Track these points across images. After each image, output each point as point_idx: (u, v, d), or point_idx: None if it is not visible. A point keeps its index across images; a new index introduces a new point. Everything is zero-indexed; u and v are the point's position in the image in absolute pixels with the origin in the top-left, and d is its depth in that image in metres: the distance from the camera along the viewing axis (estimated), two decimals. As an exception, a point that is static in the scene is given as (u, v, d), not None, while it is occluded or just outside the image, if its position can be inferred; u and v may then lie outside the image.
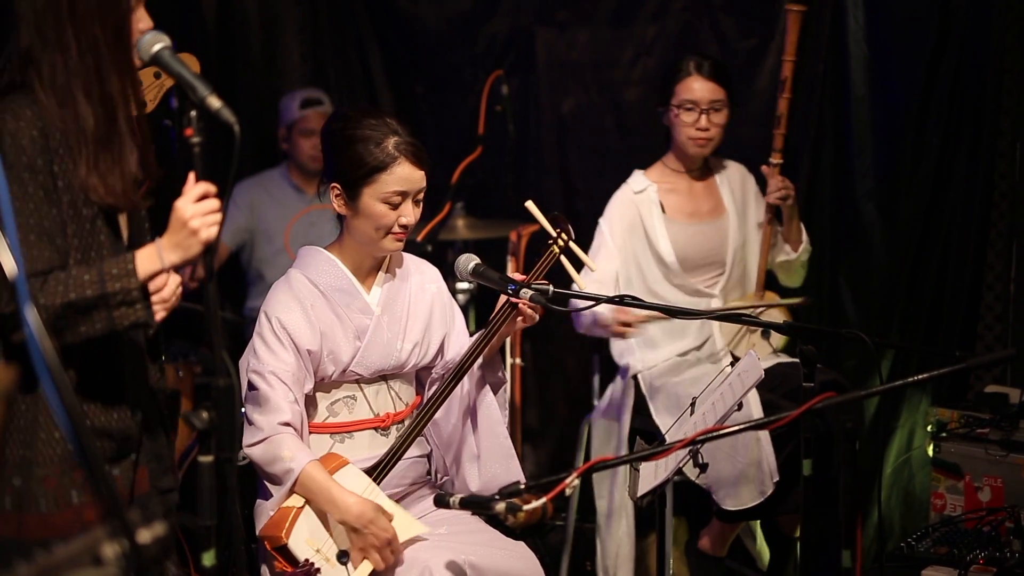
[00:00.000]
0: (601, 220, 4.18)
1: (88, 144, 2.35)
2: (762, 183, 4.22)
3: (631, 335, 3.99)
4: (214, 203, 2.31)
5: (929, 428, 4.12)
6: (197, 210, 2.30)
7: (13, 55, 2.39)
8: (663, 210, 4.13)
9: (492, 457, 3.20)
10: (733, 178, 4.24)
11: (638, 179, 4.19)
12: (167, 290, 2.39)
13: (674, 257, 4.09)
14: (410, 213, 3.05)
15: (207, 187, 2.31)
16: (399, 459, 3.10)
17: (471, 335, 3.27)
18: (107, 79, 2.36)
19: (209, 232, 2.30)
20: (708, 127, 4.06)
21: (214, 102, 2.27)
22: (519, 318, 3.10)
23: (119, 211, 2.44)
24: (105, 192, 2.37)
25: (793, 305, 4.15)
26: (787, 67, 4.15)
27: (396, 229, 3.04)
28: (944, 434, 4.06)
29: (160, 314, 2.41)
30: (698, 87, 4.05)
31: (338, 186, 3.06)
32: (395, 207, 3.02)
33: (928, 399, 4.33)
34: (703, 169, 4.21)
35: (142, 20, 2.41)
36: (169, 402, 2.60)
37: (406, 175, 3.02)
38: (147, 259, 2.35)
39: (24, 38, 2.37)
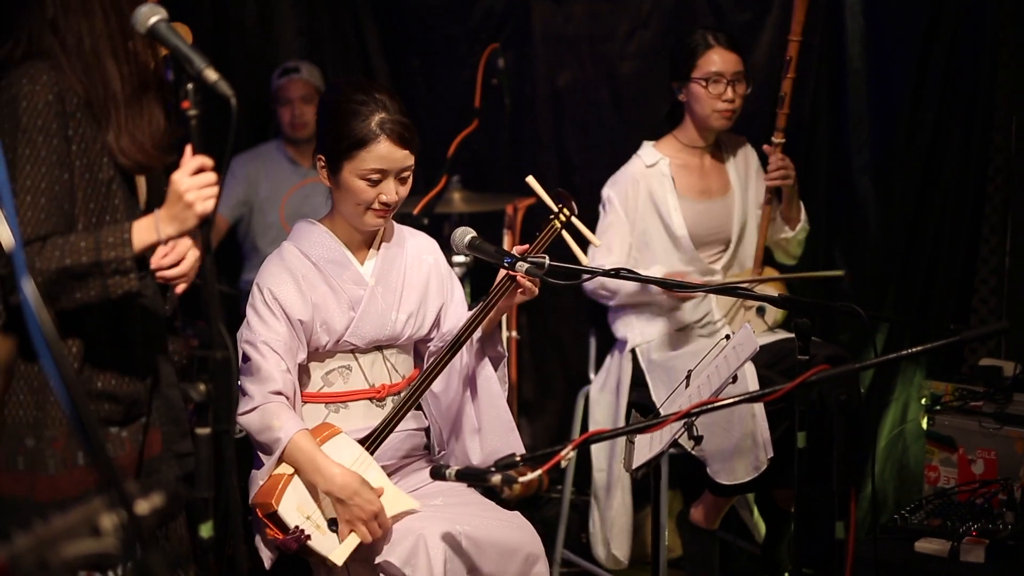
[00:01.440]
0: (610, 192, 4.14)
1: (119, 106, 2.40)
2: (763, 159, 4.22)
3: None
4: (211, 176, 2.32)
5: (923, 401, 4.14)
6: (193, 183, 2.31)
7: (31, 26, 2.43)
8: (674, 185, 4.11)
9: (493, 430, 3.20)
10: (737, 153, 4.23)
11: (649, 152, 4.15)
12: (186, 263, 2.41)
13: (686, 231, 4.08)
14: (391, 191, 3.04)
15: (204, 160, 2.32)
16: (392, 430, 3.11)
17: (469, 308, 3.29)
18: (132, 37, 2.39)
19: (205, 206, 2.31)
20: (734, 98, 4.04)
21: (211, 75, 2.27)
22: (519, 291, 3.11)
23: (139, 173, 2.47)
24: (136, 152, 2.40)
25: (832, 278, 4.14)
26: (792, 47, 4.09)
27: (376, 206, 3.05)
28: (938, 407, 4.08)
29: (181, 286, 2.44)
30: (723, 59, 4.03)
31: (323, 158, 3.07)
32: (374, 184, 3.02)
33: (922, 372, 4.35)
34: (714, 145, 4.20)
35: None
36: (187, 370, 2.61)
37: (385, 153, 3.01)
38: (144, 230, 2.37)
39: (48, 8, 2.41)
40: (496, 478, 2.47)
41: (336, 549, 2.93)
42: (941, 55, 4.33)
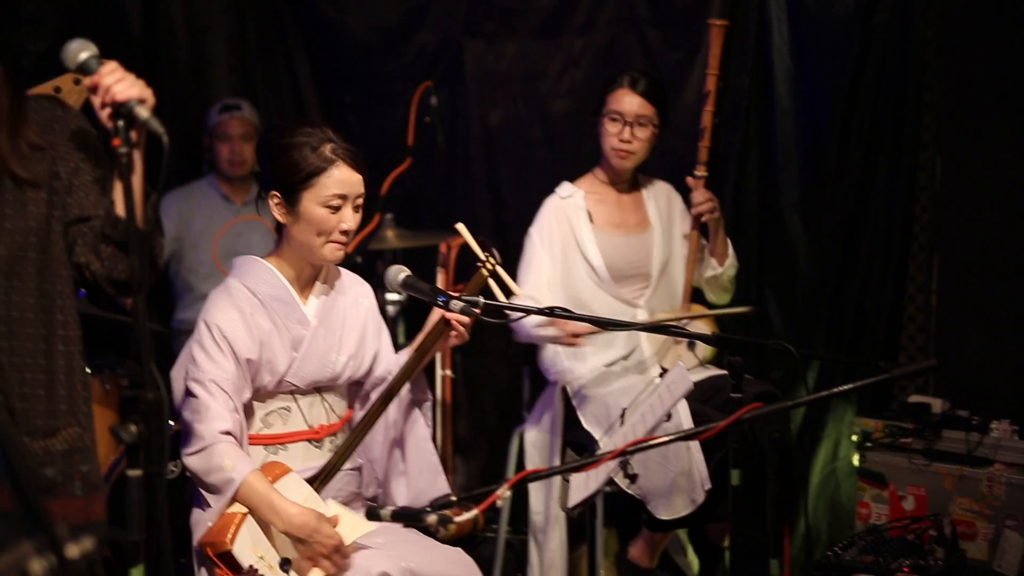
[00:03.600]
0: (531, 229, 4.18)
1: None
2: (687, 196, 4.26)
3: (579, 344, 3.93)
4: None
5: (854, 438, 4.18)
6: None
7: None
8: (591, 219, 4.15)
9: (419, 473, 3.21)
10: (659, 195, 4.28)
11: (565, 187, 4.20)
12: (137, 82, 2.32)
13: (602, 262, 4.11)
14: (350, 218, 3.05)
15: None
16: (336, 473, 3.09)
17: (402, 347, 3.28)
18: None
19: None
20: (631, 140, 4.08)
21: (143, 112, 2.25)
22: (452, 334, 3.11)
23: None
24: None
25: (741, 314, 4.18)
26: (711, 81, 4.20)
27: (336, 236, 3.04)
28: (869, 444, 4.12)
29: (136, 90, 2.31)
30: (627, 100, 4.08)
31: (277, 194, 3.05)
32: (335, 211, 3.02)
33: (853, 410, 4.39)
34: (631, 183, 4.24)
35: None
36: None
37: (344, 178, 3.02)
38: None
39: None
40: (432, 518, 2.46)
41: None
42: (867, 96, 4.40)
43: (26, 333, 2.43)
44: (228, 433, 2.94)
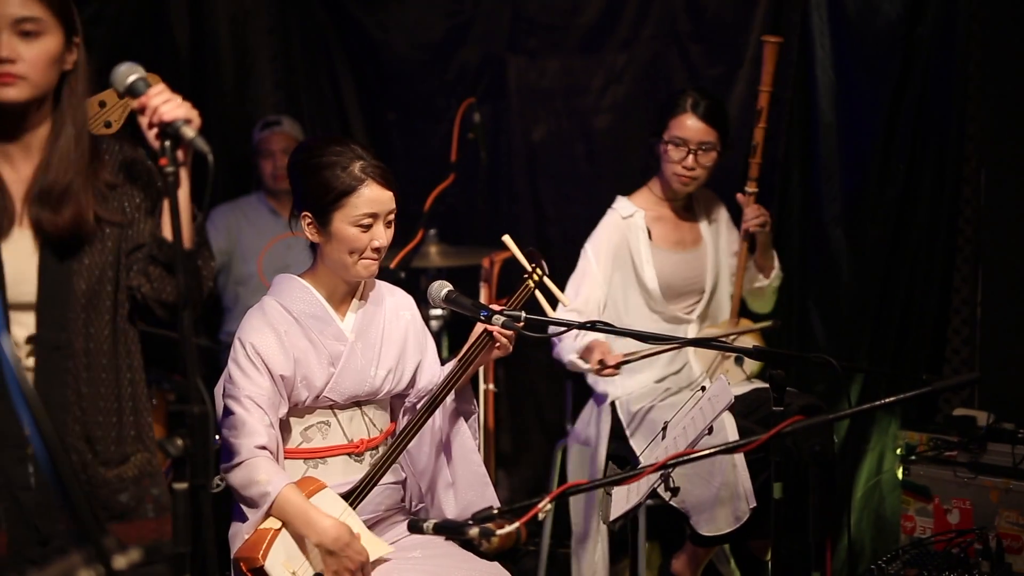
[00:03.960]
0: (587, 244, 4.16)
1: None
2: (734, 210, 4.26)
3: (608, 375, 3.89)
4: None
5: (898, 451, 4.17)
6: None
7: None
8: (650, 237, 4.15)
9: (467, 484, 3.22)
10: (709, 207, 4.28)
11: (625, 205, 4.18)
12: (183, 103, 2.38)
13: (657, 284, 4.11)
14: (382, 235, 3.07)
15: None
16: (374, 486, 3.11)
17: (445, 362, 3.30)
18: None
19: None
20: (695, 167, 4.06)
21: (188, 132, 2.30)
22: (496, 347, 3.13)
23: None
24: None
25: (764, 329, 4.18)
26: (763, 97, 4.17)
27: (369, 253, 3.06)
28: (913, 457, 4.10)
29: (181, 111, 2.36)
30: (691, 125, 4.05)
31: (309, 214, 3.08)
32: (367, 229, 3.04)
33: (897, 423, 4.37)
34: (687, 199, 4.25)
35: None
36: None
37: (374, 196, 3.04)
38: None
39: None
40: (474, 531, 2.47)
41: None
42: (910, 108, 4.39)
43: (100, 364, 2.49)
44: (264, 448, 2.98)
